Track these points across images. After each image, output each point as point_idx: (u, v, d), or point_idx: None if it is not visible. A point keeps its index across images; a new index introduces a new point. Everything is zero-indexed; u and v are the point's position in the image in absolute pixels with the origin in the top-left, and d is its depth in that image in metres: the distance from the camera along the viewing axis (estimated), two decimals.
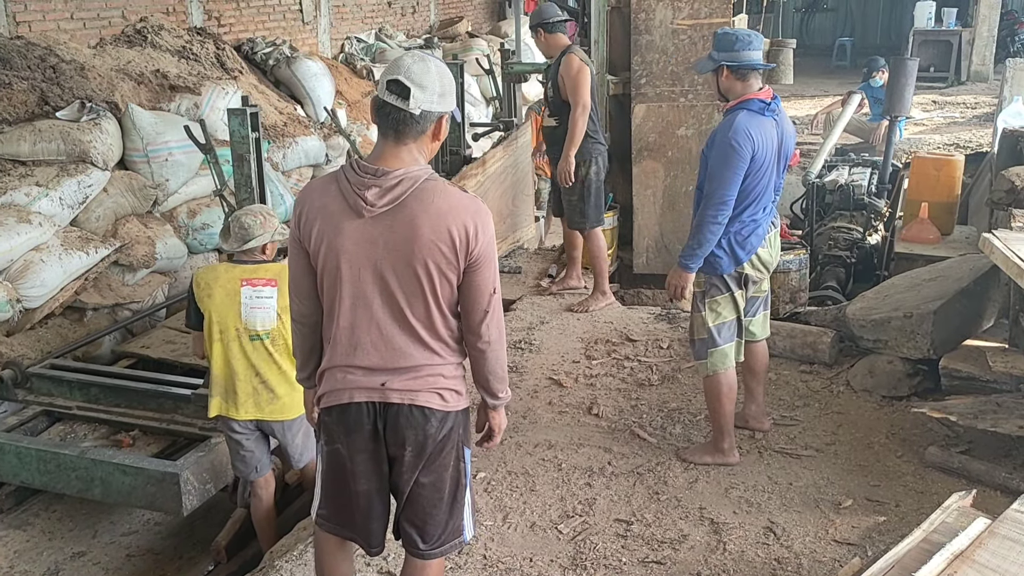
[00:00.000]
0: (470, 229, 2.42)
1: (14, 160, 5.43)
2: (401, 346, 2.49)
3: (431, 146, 2.51)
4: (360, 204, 2.41)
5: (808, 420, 4.37)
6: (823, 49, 19.96)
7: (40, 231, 5.17)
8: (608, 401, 4.63)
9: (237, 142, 4.32)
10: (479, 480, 3.94)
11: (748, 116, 3.70)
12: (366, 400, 2.51)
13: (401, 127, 2.41)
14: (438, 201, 2.41)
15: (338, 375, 2.54)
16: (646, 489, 3.84)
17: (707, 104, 6.11)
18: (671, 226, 6.35)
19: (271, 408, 3.76)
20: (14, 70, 5.83)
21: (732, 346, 3.89)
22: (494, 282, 2.53)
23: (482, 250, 2.46)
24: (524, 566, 3.38)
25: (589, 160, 5.45)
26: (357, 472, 2.57)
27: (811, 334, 4.96)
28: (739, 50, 3.74)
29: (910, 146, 10.53)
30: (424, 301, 2.47)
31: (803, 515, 3.61)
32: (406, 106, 2.37)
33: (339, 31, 10.53)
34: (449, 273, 2.45)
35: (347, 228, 2.43)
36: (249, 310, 3.67)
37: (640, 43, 6.12)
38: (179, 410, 4.36)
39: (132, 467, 3.94)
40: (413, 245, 2.40)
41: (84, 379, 4.57)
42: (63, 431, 4.45)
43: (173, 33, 7.47)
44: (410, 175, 2.41)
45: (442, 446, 2.56)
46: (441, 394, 2.54)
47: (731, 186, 3.66)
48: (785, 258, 5.72)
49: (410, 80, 2.36)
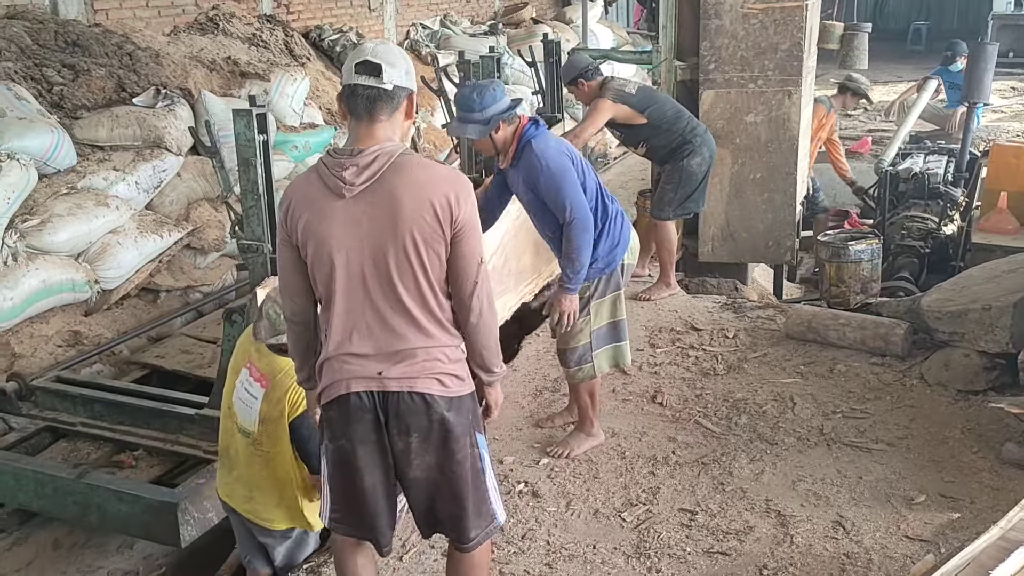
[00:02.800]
0: (451, 197, 2.42)
1: (93, 145, 5.58)
2: (396, 327, 2.47)
3: (404, 125, 2.52)
4: (339, 185, 2.41)
5: (879, 413, 4.28)
6: (898, 33, 19.38)
7: (117, 214, 5.31)
8: (672, 390, 4.59)
9: (243, 145, 3.94)
10: (542, 466, 3.95)
11: (539, 137, 3.68)
12: (364, 390, 2.47)
13: (374, 105, 2.43)
14: (416, 172, 2.43)
15: (335, 365, 2.50)
16: (711, 479, 3.81)
17: (777, 91, 5.99)
18: (737, 214, 6.25)
19: (247, 507, 3.15)
20: (92, 57, 5.99)
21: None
22: (480, 252, 2.52)
23: (466, 218, 2.46)
24: (587, 553, 3.38)
25: (692, 152, 5.42)
26: (361, 466, 2.53)
27: (883, 326, 4.84)
28: (495, 102, 3.59)
29: (988, 133, 10.21)
30: (414, 277, 2.44)
31: (873, 510, 3.54)
32: (379, 83, 2.40)
33: (405, 18, 10.59)
34: (436, 244, 2.44)
35: (330, 211, 2.43)
36: (237, 399, 3.11)
37: (709, 28, 6.02)
38: (184, 430, 4.08)
39: (129, 494, 3.67)
40: (397, 218, 2.40)
41: (88, 395, 4.36)
42: (66, 449, 4.24)
43: (244, 21, 7.60)
44: (384, 150, 2.42)
45: (449, 433, 2.51)
46: (440, 379, 2.50)
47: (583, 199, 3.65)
48: (856, 247, 5.61)
49: (379, 58, 2.41)
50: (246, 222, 4.00)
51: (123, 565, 4.07)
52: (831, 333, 4.92)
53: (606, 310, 3.92)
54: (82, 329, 5.10)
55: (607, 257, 3.81)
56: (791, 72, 5.96)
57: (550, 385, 4.72)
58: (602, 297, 3.88)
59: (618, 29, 13.38)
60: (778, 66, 5.95)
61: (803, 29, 5.91)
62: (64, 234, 5.01)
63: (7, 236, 4.79)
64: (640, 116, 5.32)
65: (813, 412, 4.30)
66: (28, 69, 5.64)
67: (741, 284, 6.42)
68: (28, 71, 5.63)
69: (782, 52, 5.94)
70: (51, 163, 5.19)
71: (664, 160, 5.53)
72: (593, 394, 4.03)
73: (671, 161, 5.47)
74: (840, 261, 5.61)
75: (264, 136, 3.95)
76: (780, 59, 5.94)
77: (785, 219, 6.21)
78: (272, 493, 3.09)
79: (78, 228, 5.08)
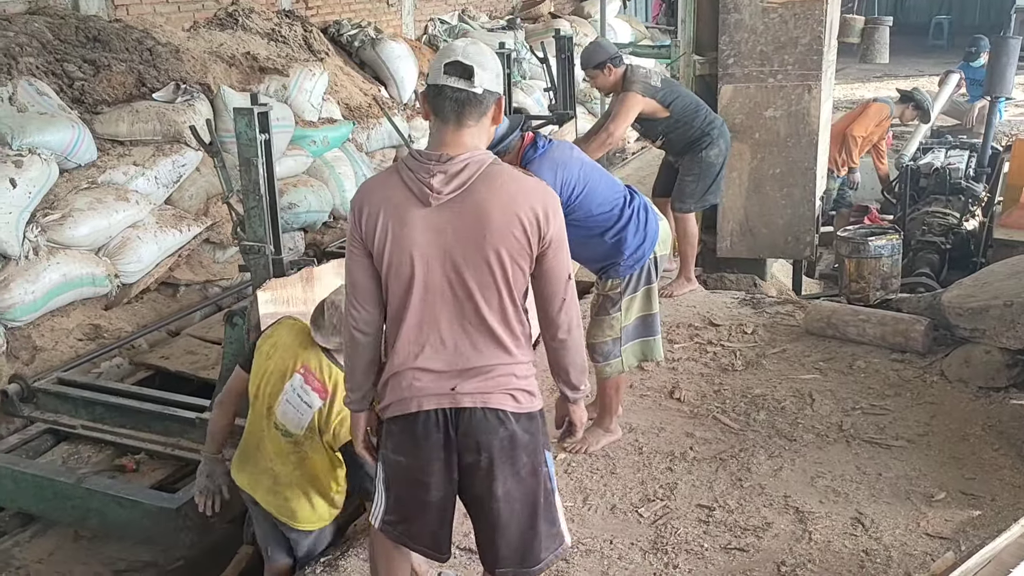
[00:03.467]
0: (540, 213, 2.34)
1: (113, 140, 5.63)
2: (473, 343, 2.37)
3: (490, 131, 2.42)
4: (425, 192, 2.30)
5: (899, 410, 4.24)
6: (919, 27, 19.23)
7: (137, 209, 5.35)
8: (690, 385, 4.57)
9: (244, 144, 3.83)
10: (559, 461, 3.95)
11: (534, 163, 3.57)
12: (436, 407, 2.37)
13: (463, 109, 2.32)
14: (507, 185, 2.33)
15: (403, 382, 2.40)
16: (729, 475, 3.79)
17: (797, 85, 5.95)
18: (756, 209, 6.21)
19: (276, 504, 3.12)
20: (113, 52, 6.04)
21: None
22: (568, 268, 2.45)
23: (554, 234, 2.38)
24: (604, 548, 3.37)
25: (710, 143, 5.40)
26: (429, 483, 2.43)
27: (903, 322, 4.80)
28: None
29: (1011, 128, 10.10)
30: (497, 291, 2.35)
31: (893, 507, 3.51)
32: (471, 86, 2.29)
33: (423, 13, 10.60)
34: (521, 260, 2.35)
35: (413, 218, 2.31)
36: (284, 401, 3.00)
37: (728, 22, 5.99)
38: (185, 434, 4.04)
39: (128, 499, 3.64)
40: (484, 231, 2.29)
41: (89, 397, 4.32)
42: (68, 451, 4.21)
43: (263, 16, 7.63)
44: (475, 159, 2.32)
45: (520, 450, 2.42)
46: (514, 395, 2.41)
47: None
48: (876, 243, 5.57)
49: (470, 60, 2.30)
50: (248, 223, 3.90)
51: (145, 556, 4.10)
52: (851, 329, 4.89)
53: (637, 305, 3.86)
54: (102, 323, 5.15)
55: (636, 252, 3.75)
56: (811, 67, 5.91)
57: None
58: (634, 293, 3.83)
59: (636, 24, 13.34)
60: (798, 60, 5.91)
61: (823, 23, 5.86)
62: (84, 228, 5.06)
63: (28, 230, 4.83)
64: (664, 110, 5.29)
65: (832, 408, 4.27)
66: (49, 64, 5.69)
67: (760, 280, 6.39)
68: (49, 66, 5.68)
69: (802, 46, 5.89)
70: (72, 158, 5.24)
71: (681, 152, 5.50)
72: (619, 389, 4.01)
73: (689, 153, 5.44)
74: (860, 257, 5.58)
75: (266, 135, 3.85)
76: (800, 53, 5.90)
77: (804, 214, 6.17)
78: (300, 493, 3.08)
79: (98, 222, 5.13)
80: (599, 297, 3.89)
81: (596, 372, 4.01)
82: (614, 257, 3.75)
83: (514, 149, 3.64)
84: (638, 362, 4.05)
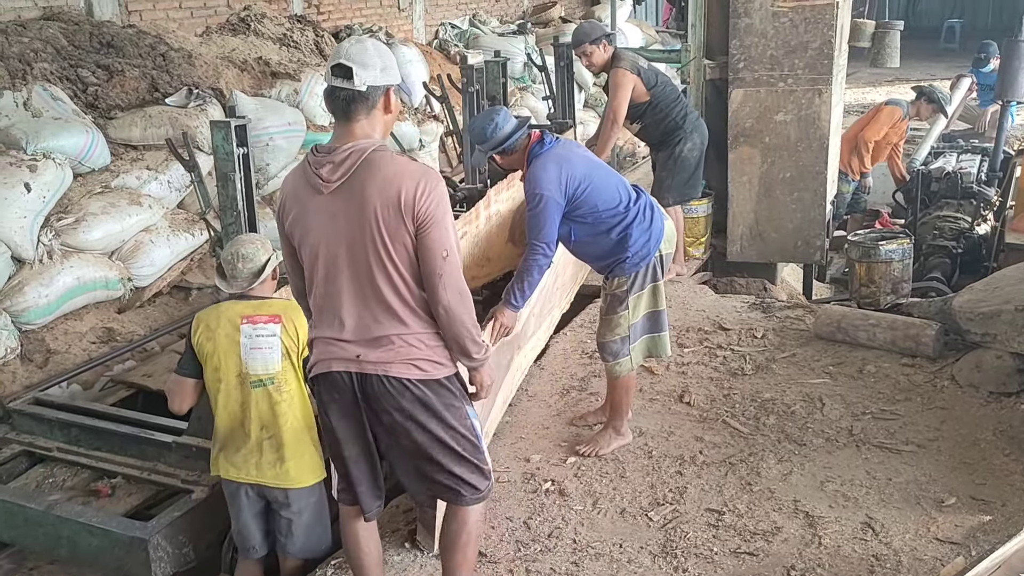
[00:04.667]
0: (415, 190, 2.54)
1: (126, 144, 5.67)
2: (374, 315, 2.63)
3: (384, 119, 2.65)
4: (318, 182, 2.60)
5: (909, 415, 4.24)
6: (930, 31, 19.18)
7: (150, 213, 5.38)
8: (700, 390, 4.57)
9: (221, 159, 3.73)
10: (568, 465, 3.96)
11: (539, 159, 3.69)
12: (344, 370, 2.67)
13: (350, 106, 2.57)
14: (384, 168, 2.57)
15: (321, 346, 2.71)
16: (738, 479, 3.79)
17: (807, 89, 5.96)
18: (766, 214, 6.22)
19: (274, 472, 3.21)
20: (127, 58, 6.09)
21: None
22: (445, 245, 2.60)
23: (429, 211, 2.56)
24: (614, 552, 3.38)
25: (683, 138, 5.62)
26: (342, 438, 2.77)
27: (914, 326, 4.79)
28: (494, 134, 3.68)
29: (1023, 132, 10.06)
30: (385, 268, 2.59)
31: (903, 511, 3.51)
32: (352, 85, 2.53)
33: (433, 17, 10.64)
34: (401, 236, 2.57)
35: (311, 207, 2.63)
36: (248, 351, 3.16)
37: (739, 26, 6.00)
38: (162, 458, 3.83)
39: (99, 528, 3.45)
40: (367, 212, 2.55)
41: (65, 418, 4.10)
42: (43, 474, 4.00)
43: (275, 21, 7.68)
44: (357, 147, 2.57)
45: (436, 411, 2.70)
46: (417, 364, 2.66)
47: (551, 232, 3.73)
48: (887, 247, 5.55)
49: (351, 61, 2.54)
50: (225, 239, 3.83)
51: None
52: (861, 333, 4.88)
53: (644, 302, 3.92)
54: (115, 326, 5.18)
55: (642, 250, 3.80)
56: (821, 71, 5.92)
57: (577, 384, 4.73)
58: (640, 290, 3.88)
59: (647, 28, 13.35)
60: (808, 65, 5.92)
61: (834, 27, 5.86)
62: (98, 232, 5.10)
63: (43, 234, 4.87)
64: (646, 93, 5.49)
65: (842, 413, 4.27)
66: (64, 70, 5.74)
67: (770, 284, 6.39)
68: (64, 72, 5.73)
69: (812, 50, 5.90)
70: (86, 162, 5.28)
71: (657, 144, 5.70)
72: (628, 390, 4.03)
73: (664, 148, 5.67)
74: (870, 261, 5.56)
75: (244, 149, 3.77)
76: (810, 57, 5.90)
77: (815, 218, 6.17)
78: (300, 442, 3.22)
79: (112, 226, 5.16)
80: (607, 296, 3.92)
81: (606, 372, 4.04)
82: (619, 254, 3.80)
83: (521, 146, 3.73)
84: (644, 358, 4.08)
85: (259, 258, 3.24)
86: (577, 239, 3.84)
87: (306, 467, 3.25)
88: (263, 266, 3.24)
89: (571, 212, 3.72)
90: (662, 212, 3.95)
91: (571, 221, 3.75)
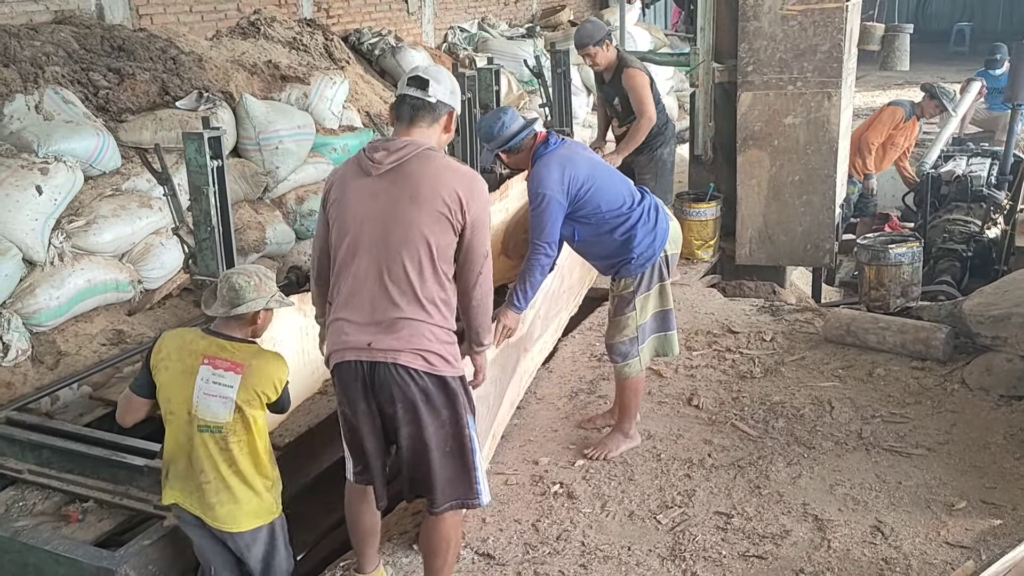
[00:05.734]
0: (465, 192, 2.72)
1: (137, 147, 5.69)
2: (391, 297, 2.71)
3: (441, 137, 2.85)
4: (369, 164, 2.76)
5: (919, 418, 4.22)
6: (940, 34, 19.12)
7: (160, 216, 5.39)
8: (708, 393, 4.57)
9: (194, 171, 3.56)
10: (577, 468, 3.96)
11: (542, 159, 3.72)
12: (355, 359, 2.74)
13: (416, 113, 2.78)
14: (438, 162, 2.76)
15: (336, 331, 2.80)
16: (747, 483, 3.78)
17: (816, 92, 5.95)
18: (775, 217, 6.21)
19: (212, 515, 2.99)
20: (137, 61, 6.11)
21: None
22: (487, 246, 2.81)
23: (477, 214, 2.75)
24: (622, 554, 3.38)
25: (664, 143, 5.82)
26: (359, 426, 2.85)
27: (924, 329, 4.78)
28: (493, 137, 3.75)
29: None
30: (418, 252, 2.70)
31: (913, 515, 3.50)
32: (425, 95, 2.76)
33: (443, 21, 10.66)
34: (441, 228, 2.71)
35: (355, 187, 2.78)
36: (201, 395, 2.92)
37: (748, 29, 6.00)
38: (134, 482, 3.60)
39: (65, 557, 3.27)
40: (412, 197, 2.70)
41: (36, 439, 3.85)
42: (13, 498, 3.77)
43: (284, 25, 7.70)
44: (414, 142, 2.75)
45: (436, 407, 2.77)
46: (425, 356, 2.72)
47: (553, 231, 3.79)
48: (897, 251, 5.54)
49: (428, 75, 2.80)
50: (199, 255, 3.69)
51: None
52: (870, 337, 4.87)
53: (652, 302, 3.94)
54: (125, 328, 5.19)
55: (647, 251, 3.82)
56: (831, 74, 5.92)
57: (585, 387, 4.73)
58: (647, 291, 3.89)
59: (656, 31, 13.35)
60: (817, 68, 5.91)
61: (843, 30, 5.86)
62: (108, 235, 5.11)
63: (54, 237, 4.89)
64: None
65: (851, 416, 4.26)
66: (75, 73, 5.76)
67: (779, 287, 6.38)
68: (75, 75, 5.75)
69: (822, 54, 5.90)
70: (96, 165, 5.30)
71: (639, 149, 5.75)
72: (637, 392, 4.04)
73: (646, 152, 5.76)
74: (880, 264, 5.55)
75: (218, 162, 3.61)
76: (819, 61, 5.90)
77: (824, 222, 6.16)
78: (240, 491, 2.97)
79: (122, 229, 5.18)
80: (614, 299, 3.94)
81: (615, 374, 4.04)
82: (624, 255, 3.81)
83: (527, 146, 3.77)
84: (651, 359, 4.10)
85: (246, 295, 2.92)
86: (580, 239, 3.85)
87: (250, 512, 3.00)
88: (244, 303, 2.92)
89: (574, 213, 3.74)
90: (667, 213, 3.97)
91: (574, 222, 3.77)
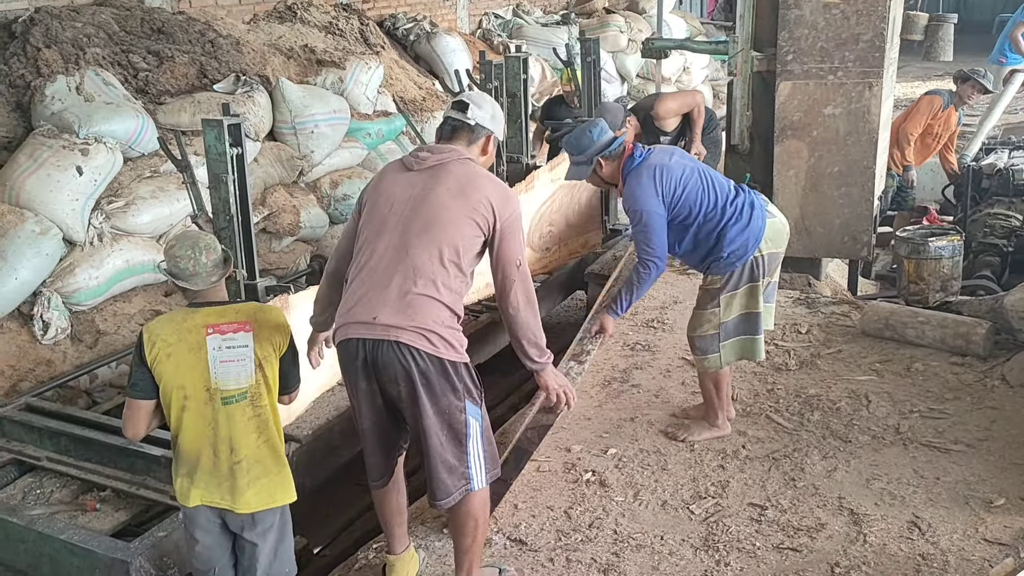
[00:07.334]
0: (498, 200, 2.85)
1: (175, 130, 5.73)
2: (405, 275, 2.77)
3: (481, 160, 3.00)
4: (412, 161, 2.95)
5: (959, 414, 4.16)
6: (983, 25, 18.75)
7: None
8: (743, 384, 4.53)
9: (213, 159, 3.52)
10: (609, 456, 3.95)
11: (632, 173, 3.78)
12: (356, 336, 2.78)
13: (455, 131, 2.98)
14: (476, 170, 2.93)
15: (346, 299, 2.86)
16: (782, 475, 3.76)
17: (857, 82, 5.86)
18: (813, 208, 6.13)
19: (243, 500, 2.79)
20: (176, 44, 6.15)
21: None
22: (519, 255, 2.89)
23: (510, 222, 2.87)
24: (655, 543, 3.37)
25: (717, 124, 6.22)
26: (358, 404, 2.90)
27: (964, 324, 4.71)
28: (592, 143, 3.78)
29: None
30: (441, 237, 2.79)
31: (951, 511, 3.46)
32: (464, 117, 2.95)
33: (477, 7, 10.63)
34: (472, 223, 2.81)
35: (394, 178, 2.95)
36: (218, 364, 2.75)
37: (788, 18, 5.91)
38: (151, 472, 3.56)
39: (80, 547, 3.22)
40: (446, 189, 2.84)
41: (54, 427, 3.83)
42: (30, 485, 3.76)
43: (321, 9, 7.71)
44: (457, 151, 2.94)
45: (435, 393, 2.77)
46: (428, 337, 2.75)
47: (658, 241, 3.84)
48: (937, 244, 5.46)
49: (470, 100, 3.00)
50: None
51: None
52: (909, 331, 4.81)
53: (738, 303, 3.85)
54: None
55: (738, 249, 3.75)
56: (872, 64, 5.82)
57: (619, 376, 4.71)
58: (734, 290, 3.83)
59: (692, 19, 13.23)
60: (859, 57, 5.82)
61: (886, 19, 5.76)
62: (147, 216, 5.16)
63: (93, 217, 4.95)
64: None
65: (889, 411, 4.21)
66: (115, 55, 5.81)
67: (814, 279, 6.30)
68: (115, 57, 5.80)
69: (864, 43, 5.80)
70: (136, 147, 5.35)
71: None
72: (718, 384, 4.01)
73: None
74: (920, 258, 5.47)
75: (238, 149, 3.56)
76: (861, 50, 5.80)
77: (862, 214, 6.07)
78: (271, 462, 2.84)
79: (160, 210, 5.23)
80: (701, 291, 3.93)
81: (696, 365, 4.04)
82: (715, 253, 3.79)
83: (617, 157, 3.81)
84: (736, 359, 4.02)
85: (218, 247, 2.83)
86: (673, 238, 3.85)
87: (281, 485, 2.87)
88: (225, 256, 2.84)
89: (670, 216, 3.77)
90: (764, 210, 3.84)
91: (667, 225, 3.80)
